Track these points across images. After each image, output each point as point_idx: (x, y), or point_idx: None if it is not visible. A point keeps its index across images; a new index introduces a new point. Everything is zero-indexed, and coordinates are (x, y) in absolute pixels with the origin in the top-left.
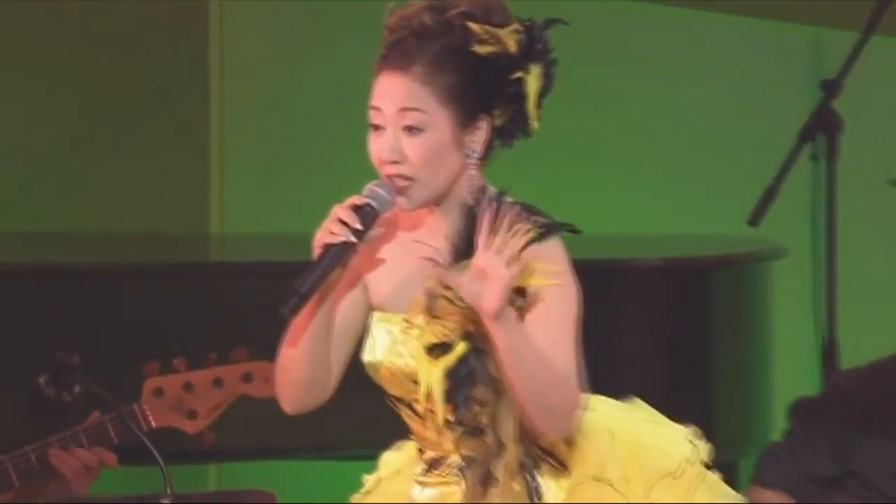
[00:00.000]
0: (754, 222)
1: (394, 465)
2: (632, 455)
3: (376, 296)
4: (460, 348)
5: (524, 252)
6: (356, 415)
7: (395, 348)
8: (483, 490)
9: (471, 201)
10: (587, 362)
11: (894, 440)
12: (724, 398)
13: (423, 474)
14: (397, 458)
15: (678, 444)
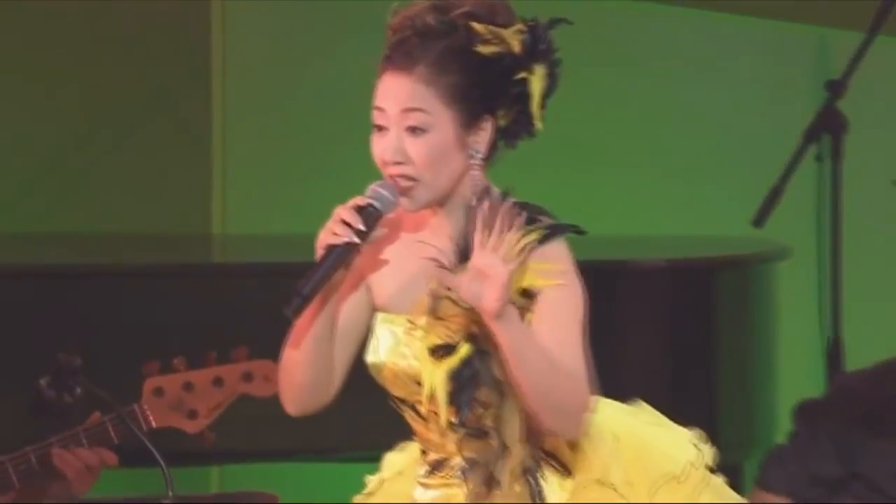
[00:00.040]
0: (759, 223)
1: (397, 466)
2: (636, 458)
3: (380, 297)
4: (464, 350)
5: (529, 254)
6: (359, 417)
7: (398, 349)
8: (486, 492)
9: (474, 202)
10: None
11: None
12: (729, 399)
13: (425, 476)
14: (400, 459)
15: (682, 448)
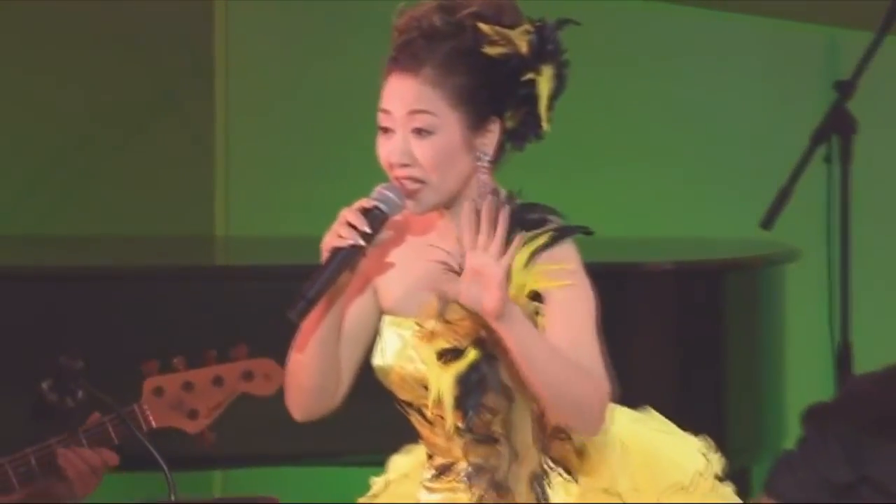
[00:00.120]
0: (767, 225)
1: (402, 469)
2: (643, 466)
3: (386, 300)
4: (472, 355)
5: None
6: (363, 421)
7: (405, 353)
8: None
9: (482, 205)
10: None
11: None
12: (737, 403)
13: (431, 480)
14: (406, 462)
15: (691, 457)
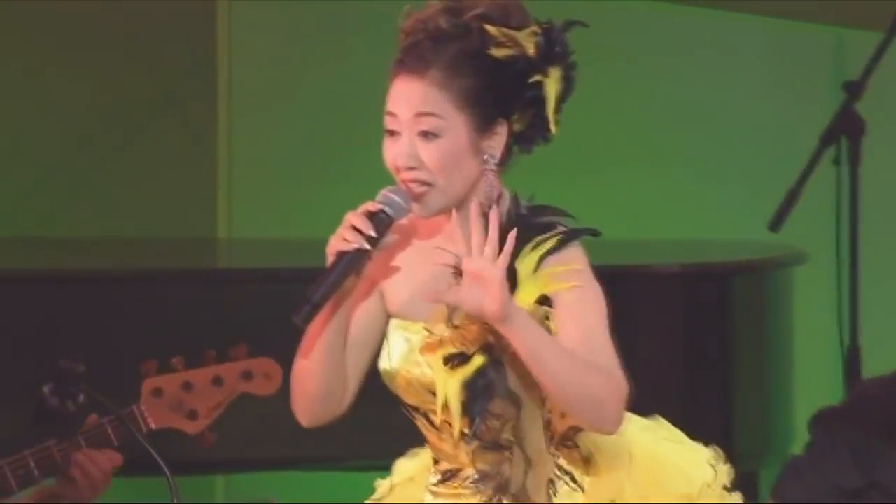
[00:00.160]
0: (775, 227)
1: (408, 472)
2: (651, 476)
3: (393, 304)
4: (479, 360)
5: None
6: (366, 425)
7: (412, 357)
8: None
9: (489, 208)
10: None
11: None
12: (744, 407)
13: (436, 484)
14: (412, 466)
15: (699, 468)
